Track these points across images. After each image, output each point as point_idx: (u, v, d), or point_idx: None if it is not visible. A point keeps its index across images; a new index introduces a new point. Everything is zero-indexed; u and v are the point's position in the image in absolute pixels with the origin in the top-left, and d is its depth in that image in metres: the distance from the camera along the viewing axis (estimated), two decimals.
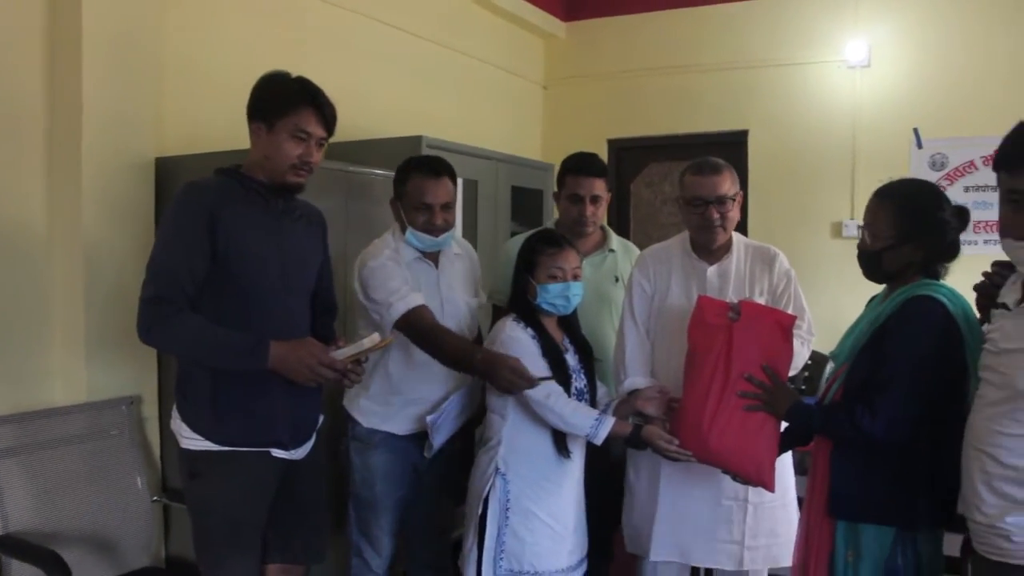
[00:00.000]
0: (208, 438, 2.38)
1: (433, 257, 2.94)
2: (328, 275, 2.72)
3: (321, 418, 2.64)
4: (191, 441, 2.39)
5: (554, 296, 2.68)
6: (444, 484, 3.03)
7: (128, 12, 3.19)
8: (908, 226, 2.24)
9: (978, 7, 5.35)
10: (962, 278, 2.29)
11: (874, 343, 2.24)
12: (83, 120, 3.04)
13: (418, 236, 2.84)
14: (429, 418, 2.80)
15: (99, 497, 3.02)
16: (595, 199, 3.24)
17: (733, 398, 2.47)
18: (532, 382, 2.52)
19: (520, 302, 2.74)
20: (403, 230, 2.87)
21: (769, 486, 2.54)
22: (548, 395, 2.60)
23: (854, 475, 2.25)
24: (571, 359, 2.74)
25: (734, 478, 2.59)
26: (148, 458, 3.26)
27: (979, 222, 4.98)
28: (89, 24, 3.04)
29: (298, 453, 2.53)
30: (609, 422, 2.60)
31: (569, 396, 2.64)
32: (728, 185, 2.80)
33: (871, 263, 2.33)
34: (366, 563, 3.02)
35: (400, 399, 2.90)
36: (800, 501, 2.71)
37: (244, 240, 2.36)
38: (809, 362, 3.67)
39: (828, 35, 5.69)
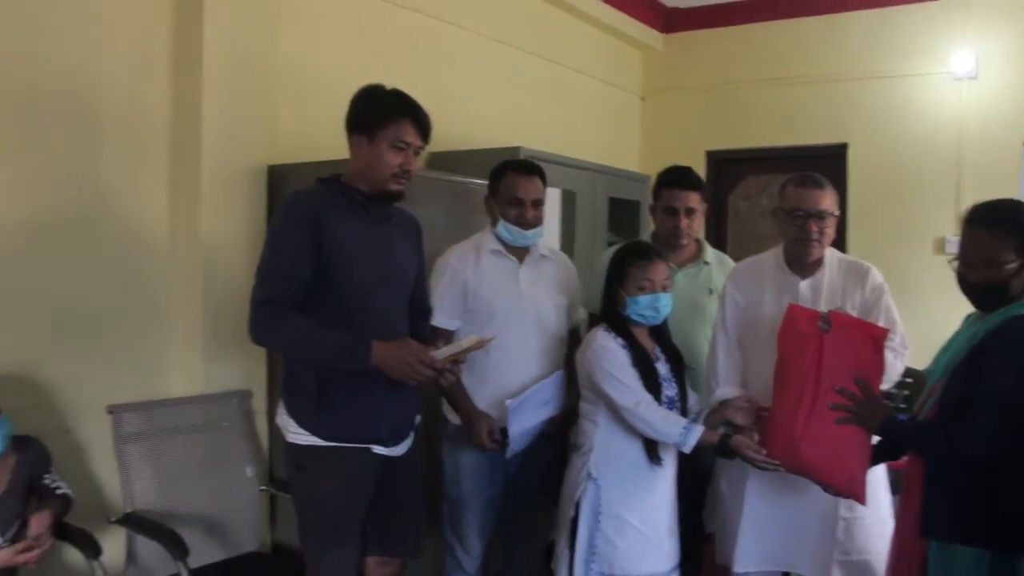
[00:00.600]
0: (314, 433, 2.50)
1: (519, 255, 3.06)
2: (423, 279, 2.85)
3: (419, 417, 2.76)
4: (297, 436, 2.53)
5: (643, 307, 2.75)
6: (542, 487, 3.09)
7: (244, 33, 3.40)
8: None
9: None
10: None
11: (970, 361, 2.19)
12: (203, 132, 3.26)
13: (509, 229, 3.00)
14: (508, 402, 2.88)
15: (212, 483, 3.23)
16: (689, 211, 3.30)
17: (824, 409, 2.45)
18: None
19: (611, 312, 2.82)
20: (494, 224, 3.04)
21: (860, 499, 2.51)
22: (638, 403, 2.66)
23: (948, 495, 2.19)
24: (662, 368, 2.80)
25: (825, 489, 2.58)
26: (257, 449, 3.46)
27: None
28: (210, 46, 3.27)
29: (397, 450, 2.64)
30: (698, 430, 2.64)
31: (660, 404, 2.70)
32: (829, 202, 2.81)
33: (988, 295, 2.24)
34: (458, 562, 3.13)
35: (485, 396, 2.99)
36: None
37: (346, 246, 2.48)
38: (910, 380, 3.64)
39: (933, 46, 5.59)
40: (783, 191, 2.90)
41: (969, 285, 2.27)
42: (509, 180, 3.01)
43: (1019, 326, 2.15)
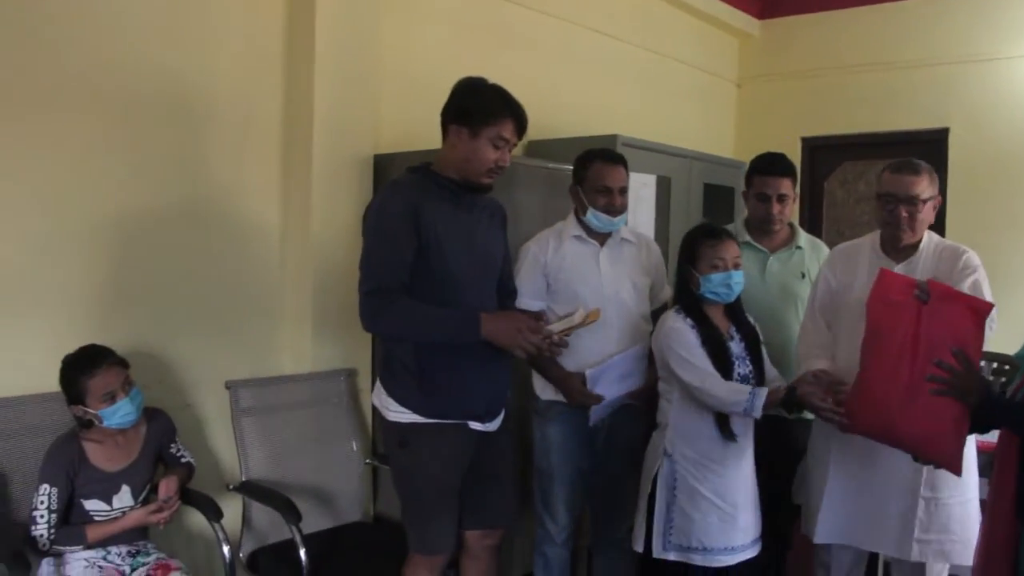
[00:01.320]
0: (416, 412, 2.63)
1: (600, 239, 3.17)
2: (509, 263, 2.95)
3: (509, 393, 2.87)
4: (398, 414, 2.65)
5: (717, 285, 2.83)
6: (629, 462, 3.17)
7: (352, 27, 3.57)
8: None
9: None
10: None
11: None
12: (314, 125, 3.44)
13: (598, 216, 3.10)
14: (589, 372, 3.00)
15: (320, 456, 3.43)
16: (781, 198, 3.35)
17: (921, 380, 2.39)
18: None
19: (684, 293, 2.92)
20: (581, 212, 3.14)
21: (957, 470, 2.50)
22: (703, 379, 2.76)
23: None
24: (736, 347, 2.88)
25: (915, 459, 2.57)
26: (361, 425, 3.64)
27: None
28: (321, 42, 3.44)
29: (491, 425, 2.77)
30: (763, 392, 2.71)
31: (731, 381, 2.78)
32: (923, 187, 2.82)
33: None
34: (548, 533, 3.25)
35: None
36: (983, 504, 2.70)
37: (441, 232, 2.58)
38: (1007, 367, 3.60)
39: None
40: (880, 176, 2.93)
41: None
42: (597, 169, 3.11)
43: None
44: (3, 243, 2.79)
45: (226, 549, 2.89)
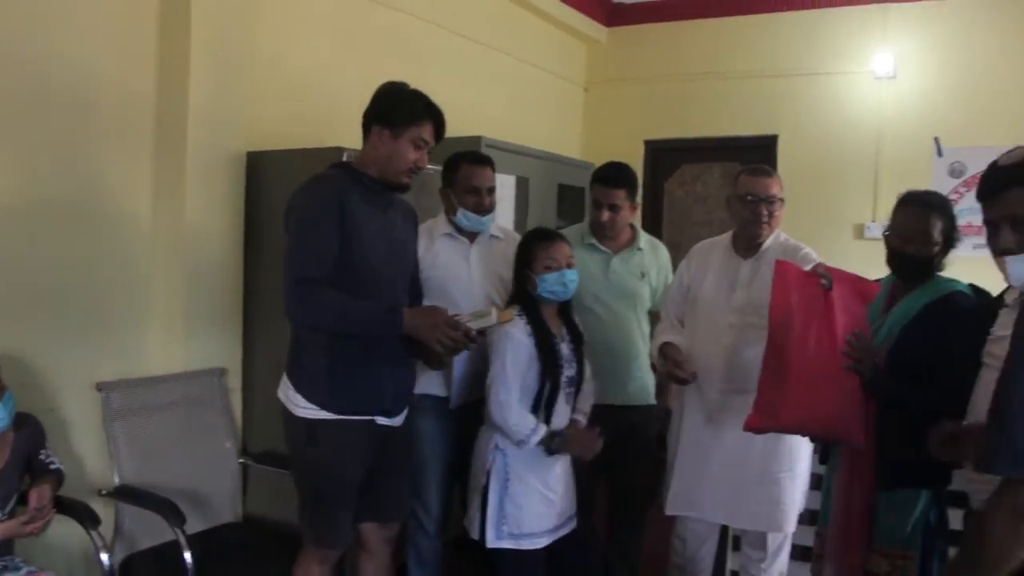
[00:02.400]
0: (324, 408, 2.64)
1: (470, 237, 3.27)
2: (417, 263, 3.02)
3: (414, 388, 2.94)
4: (307, 410, 2.65)
5: (552, 284, 2.97)
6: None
7: (228, 23, 3.51)
8: (949, 233, 2.59)
9: (1000, 24, 5.61)
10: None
11: (917, 327, 2.53)
12: (189, 118, 3.37)
13: (468, 216, 3.20)
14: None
15: (193, 457, 3.37)
16: (613, 207, 3.50)
17: (840, 365, 2.53)
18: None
19: (522, 295, 3.04)
20: (451, 213, 3.24)
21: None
22: (502, 400, 2.91)
23: (898, 443, 2.49)
24: (565, 348, 3.04)
25: (813, 440, 2.78)
26: (233, 424, 3.60)
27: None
28: (197, 34, 3.38)
29: (396, 421, 2.82)
30: (541, 430, 2.90)
31: (558, 385, 2.96)
32: (777, 188, 3.12)
33: (920, 267, 2.60)
34: (420, 524, 3.31)
35: None
36: (816, 477, 3.05)
37: (362, 227, 2.63)
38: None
39: (857, 47, 5.96)
40: (737, 179, 3.19)
41: (903, 257, 2.63)
42: (465, 171, 3.20)
43: (962, 300, 2.52)
44: None
45: (105, 557, 2.81)
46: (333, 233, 2.57)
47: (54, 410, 3.12)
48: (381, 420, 2.75)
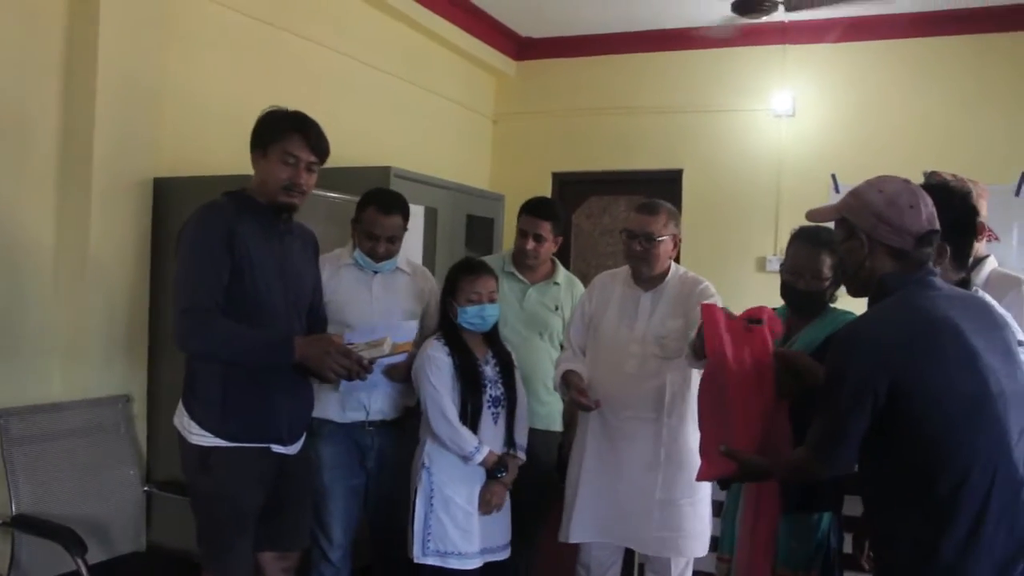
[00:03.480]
0: (218, 435, 2.63)
1: (376, 268, 3.27)
2: (319, 291, 3.03)
3: (312, 416, 2.95)
4: (201, 437, 2.63)
5: (472, 316, 3.10)
6: (406, 477, 3.22)
7: (136, 46, 3.51)
8: (836, 269, 2.68)
9: (892, 70, 5.93)
10: None
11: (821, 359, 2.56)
12: (95, 142, 3.34)
13: (363, 258, 3.21)
14: (347, 333, 2.95)
15: (96, 485, 3.30)
16: (537, 237, 3.62)
17: (770, 398, 2.47)
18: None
19: (445, 322, 3.16)
20: (355, 246, 3.25)
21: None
22: (437, 418, 3.02)
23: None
24: (490, 371, 3.15)
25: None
26: (137, 452, 3.54)
27: None
28: (104, 54, 3.36)
29: (292, 448, 2.81)
30: (484, 450, 3.03)
31: (483, 403, 3.07)
32: (659, 226, 3.14)
33: (811, 300, 2.74)
34: (322, 552, 3.25)
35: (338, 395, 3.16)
36: (716, 504, 3.12)
37: (254, 256, 2.63)
38: None
39: (757, 86, 6.21)
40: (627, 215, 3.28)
41: (795, 292, 2.77)
42: (370, 214, 3.18)
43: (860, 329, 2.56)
44: None
45: None
46: (222, 261, 2.56)
47: None
48: (277, 448, 2.74)
